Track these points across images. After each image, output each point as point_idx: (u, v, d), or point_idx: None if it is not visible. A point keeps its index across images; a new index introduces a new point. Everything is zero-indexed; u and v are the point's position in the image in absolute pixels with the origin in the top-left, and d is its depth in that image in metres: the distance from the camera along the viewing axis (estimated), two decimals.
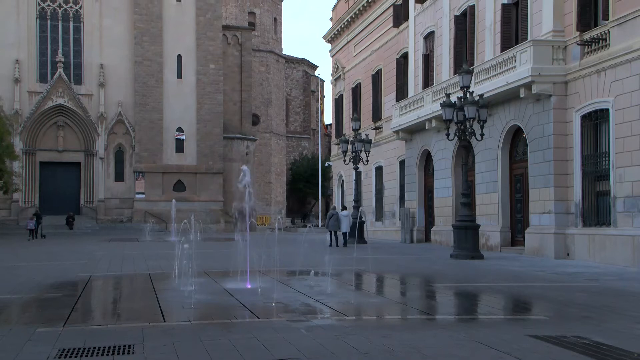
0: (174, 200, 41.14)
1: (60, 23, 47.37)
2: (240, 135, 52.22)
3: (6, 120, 38.38)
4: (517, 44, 22.14)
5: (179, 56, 48.70)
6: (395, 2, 33.68)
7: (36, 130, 46.50)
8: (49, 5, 47.30)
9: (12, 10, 45.95)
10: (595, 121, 18.83)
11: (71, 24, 47.61)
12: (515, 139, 22.69)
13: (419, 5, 30.77)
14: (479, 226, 20.68)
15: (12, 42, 45.71)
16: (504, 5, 23.48)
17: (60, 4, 47.47)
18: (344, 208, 32.14)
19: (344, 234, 27.21)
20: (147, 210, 47.02)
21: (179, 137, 48.69)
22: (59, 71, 46.11)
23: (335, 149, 43.38)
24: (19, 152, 43.17)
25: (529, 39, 21.29)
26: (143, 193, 47.64)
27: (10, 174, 38.39)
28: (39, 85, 46.55)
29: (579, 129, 19.18)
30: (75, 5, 47.60)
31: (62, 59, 46.18)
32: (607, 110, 18.03)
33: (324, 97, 65.20)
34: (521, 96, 20.69)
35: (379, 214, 35.80)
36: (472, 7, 25.96)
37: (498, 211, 22.89)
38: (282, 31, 65.28)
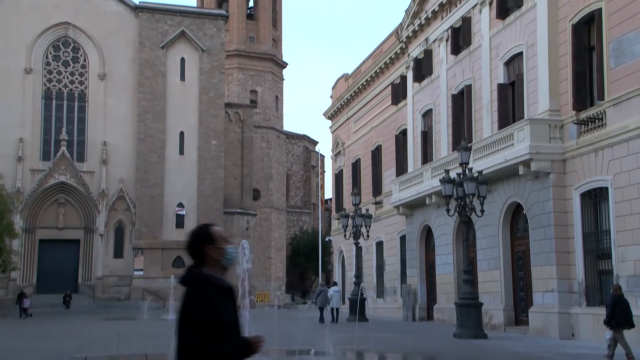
0: (172, 276, 40.71)
1: (65, 102, 48.27)
2: (241, 210, 52.28)
3: (7, 199, 38.51)
4: (514, 122, 22.47)
5: (182, 133, 49.37)
6: (394, 81, 34.44)
7: (37, 207, 46.59)
8: (54, 85, 48.32)
9: (19, 91, 46.90)
10: (595, 199, 18.87)
11: (76, 103, 48.50)
12: (516, 216, 22.67)
13: (417, 84, 31.45)
14: (481, 304, 20.38)
15: (17, 121, 46.43)
16: (500, 85, 23.98)
17: (66, 84, 48.51)
18: (333, 284, 31.85)
19: (334, 310, 26.93)
20: (146, 288, 46.47)
21: (179, 212, 48.72)
22: (62, 149, 46.64)
23: (335, 224, 43.31)
24: (19, 230, 43.08)
25: (525, 117, 21.62)
26: (142, 270, 47.24)
27: (10, 252, 38.20)
28: (42, 163, 46.97)
29: (579, 207, 19.20)
30: (81, 86, 48.63)
31: (66, 137, 46.80)
32: (606, 188, 18.10)
33: (324, 172, 65.74)
34: (520, 173, 20.81)
35: (380, 290, 35.36)
36: (469, 87, 26.52)
37: (501, 289, 22.62)
38: (283, 108, 66.47)
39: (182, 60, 49.92)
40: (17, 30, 46.98)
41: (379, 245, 35.71)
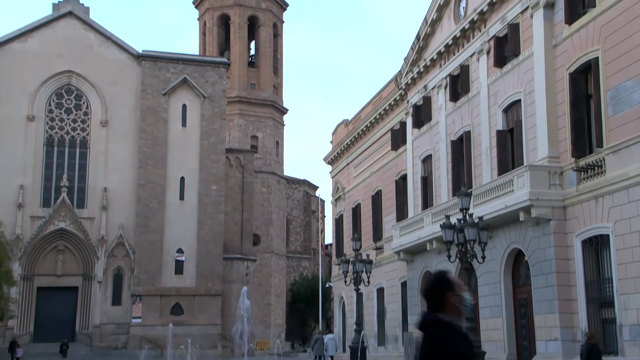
0: (170, 324, 40.24)
1: (66, 149, 48.53)
2: (241, 256, 52.01)
3: (7, 246, 38.36)
4: (513, 168, 22.54)
5: (182, 178, 49.47)
6: (394, 127, 34.65)
7: (36, 254, 46.35)
8: (56, 132, 48.66)
9: (21, 138, 47.20)
10: (597, 246, 18.78)
11: (77, 149, 48.77)
12: (517, 262, 22.53)
13: (416, 130, 31.64)
14: (484, 353, 20.06)
15: (18, 168, 46.59)
16: (499, 132, 24.12)
17: (68, 131, 48.87)
18: (329, 332, 31.49)
19: (330, 358, 26.57)
20: (143, 336, 45.86)
21: (178, 258, 48.45)
22: (62, 195, 46.67)
23: (335, 270, 43.00)
24: (17, 278, 42.77)
25: (524, 164, 21.70)
26: (140, 317, 46.70)
27: (7, 300, 37.86)
28: (42, 210, 46.94)
29: (580, 254, 19.09)
30: (83, 132, 48.97)
31: (67, 184, 46.87)
32: (608, 235, 18.04)
33: (324, 216, 65.66)
34: (520, 220, 20.76)
35: (382, 338, 34.88)
36: (468, 133, 26.68)
37: (503, 337, 22.31)
38: (284, 153, 66.71)
39: (184, 106, 50.39)
40: (20, 79, 47.55)
41: (380, 291, 35.37)
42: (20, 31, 47.95)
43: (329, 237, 55.12)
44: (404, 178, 33.25)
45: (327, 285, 52.78)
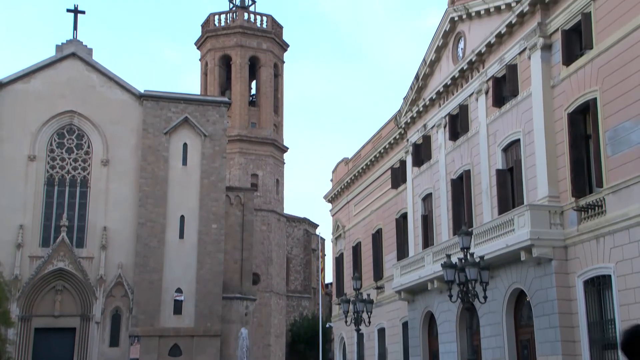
0: None
1: (67, 188, 48.57)
2: (240, 295, 51.57)
3: (5, 286, 38.08)
4: (514, 207, 22.54)
5: (182, 217, 49.40)
6: (393, 165, 34.77)
7: (34, 295, 45.97)
8: (57, 172, 48.77)
9: (21, 177, 47.29)
10: (599, 287, 18.66)
11: (78, 188, 48.81)
12: (519, 303, 22.35)
13: (416, 168, 31.74)
14: None
15: (18, 207, 46.54)
16: (498, 171, 24.19)
17: (68, 170, 48.99)
18: None
19: None
20: None
21: (177, 298, 48.01)
22: (62, 235, 46.52)
23: (336, 309, 42.62)
24: (15, 319, 42.35)
25: (525, 203, 21.70)
26: (137, 359, 46.08)
27: (5, 342, 37.43)
28: (41, 249, 46.76)
29: (582, 295, 18.95)
30: (84, 172, 49.10)
31: (66, 223, 46.76)
32: (609, 276, 17.93)
33: (325, 255, 65.34)
34: (522, 259, 20.68)
35: None
36: (468, 172, 26.75)
37: None
38: (284, 191, 66.73)
39: (185, 145, 50.62)
40: (22, 119, 47.86)
41: (381, 332, 35.00)
42: (23, 72, 48.44)
43: (329, 276, 54.78)
44: (404, 216, 33.22)
45: (327, 326, 52.26)
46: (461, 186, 27.34)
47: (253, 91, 65.23)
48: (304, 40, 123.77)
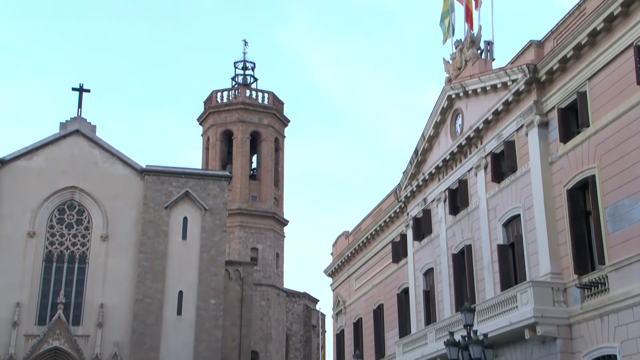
0: None
1: (65, 265, 48.19)
2: None
3: None
4: (516, 283, 22.32)
5: (180, 292, 48.82)
6: (394, 239, 34.62)
7: None
8: (56, 248, 48.55)
9: (20, 254, 47.00)
10: None
11: (76, 265, 48.43)
12: None
13: (417, 242, 31.60)
14: None
15: (16, 284, 46.01)
16: (499, 246, 24.07)
17: (68, 246, 48.77)
18: None
19: None
20: None
21: None
22: (58, 313, 45.78)
23: None
24: None
25: (527, 279, 21.50)
26: None
27: None
28: (37, 327, 45.91)
29: None
30: (83, 247, 48.89)
31: (63, 301, 46.10)
32: (615, 356, 17.56)
33: (325, 332, 64.16)
34: (526, 337, 20.30)
35: None
36: (469, 247, 26.61)
37: None
38: (284, 265, 66.23)
39: (185, 219, 50.61)
40: (24, 195, 48.00)
41: None
42: (26, 149, 48.94)
43: (329, 354, 53.62)
44: (405, 292, 32.81)
45: None
46: (463, 261, 27.15)
47: (254, 165, 65.77)
48: (305, 115, 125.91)
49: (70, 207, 49.57)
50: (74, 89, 51.53)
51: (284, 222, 65.70)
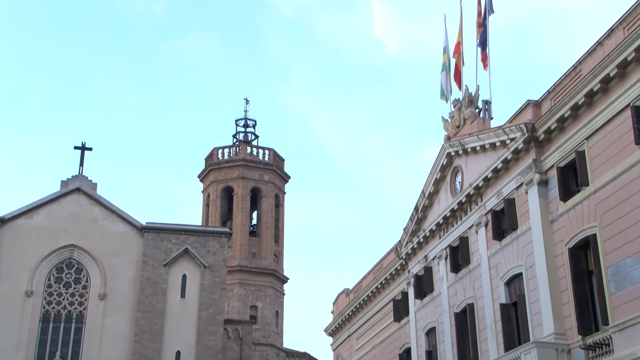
0: None
1: (62, 325, 47.46)
2: None
3: None
4: (520, 343, 21.97)
5: (178, 352, 47.91)
6: (395, 297, 34.25)
7: None
8: (53, 307, 47.96)
9: (17, 314, 46.36)
10: None
11: (73, 324, 47.70)
12: None
13: (418, 300, 31.24)
14: None
15: (11, 345, 45.14)
16: (502, 305, 23.79)
17: (65, 306, 48.19)
18: None
19: None
20: None
21: None
22: None
23: None
24: None
25: (531, 339, 21.17)
26: None
27: None
28: None
29: None
30: (80, 307, 48.30)
31: None
32: None
33: None
34: None
35: None
36: (471, 305, 26.28)
37: None
38: (284, 324, 65.36)
39: (184, 277, 50.16)
40: (22, 254, 47.69)
41: None
42: (27, 207, 48.89)
43: None
44: (407, 352, 32.25)
45: None
46: (465, 320, 26.77)
47: (254, 221, 65.68)
48: (305, 171, 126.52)
49: (68, 265, 49.20)
50: (76, 148, 51.87)
51: (284, 279, 65.19)
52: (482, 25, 27.49)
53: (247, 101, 69.04)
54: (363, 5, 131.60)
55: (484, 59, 27.50)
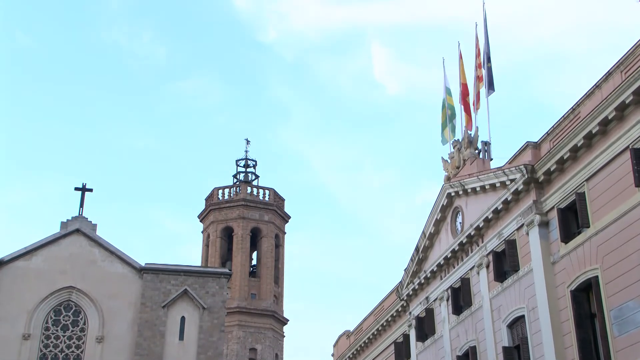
0: None
1: None
2: None
3: None
4: None
5: None
6: (397, 339, 33.87)
7: None
8: (50, 350, 47.28)
9: (14, 357, 45.59)
10: None
11: None
12: None
13: (420, 343, 30.89)
14: None
15: None
16: (505, 348, 23.51)
17: (62, 349, 47.54)
18: None
19: None
20: None
21: None
22: None
23: None
24: None
25: None
26: None
27: None
28: None
29: None
30: (77, 350, 47.65)
31: None
32: None
33: None
34: None
35: None
36: (474, 348, 25.98)
37: None
38: None
39: (183, 318, 49.61)
40: (21, 297, 47.22)
41: None
42: (26, 249, 48.53)
43: None
44: None
45: None
46: None
47: (254, 262, 65.35)
48: (306, 211, 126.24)
49: (66, 307, 48.74)
50: (76, 189, 51.87)
51: (284, 321, 64.55)
52: (483, 67, 27.80)
53: (247, 141, 69.39)
54: (362, 49, 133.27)
55: (477, 102, 27.93)
